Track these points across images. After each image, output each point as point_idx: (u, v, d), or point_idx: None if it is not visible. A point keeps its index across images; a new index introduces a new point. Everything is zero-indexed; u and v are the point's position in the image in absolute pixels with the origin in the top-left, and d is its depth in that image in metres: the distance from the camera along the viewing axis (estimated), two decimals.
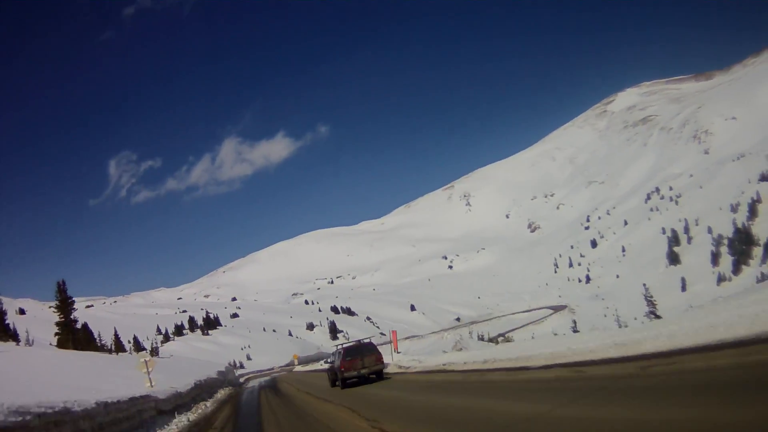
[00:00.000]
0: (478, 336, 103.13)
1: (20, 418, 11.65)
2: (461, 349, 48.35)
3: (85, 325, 74.30)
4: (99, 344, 76.95)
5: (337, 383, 31.02)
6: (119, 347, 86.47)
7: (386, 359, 34.82)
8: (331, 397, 24.89)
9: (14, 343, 53.72)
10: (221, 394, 38.73)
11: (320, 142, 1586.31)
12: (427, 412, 15.56)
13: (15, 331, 63.15)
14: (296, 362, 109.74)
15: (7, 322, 57.63)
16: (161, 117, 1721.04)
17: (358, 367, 29.29)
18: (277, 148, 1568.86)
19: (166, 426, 21.10)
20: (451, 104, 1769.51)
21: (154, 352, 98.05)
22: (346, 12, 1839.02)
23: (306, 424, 18.71)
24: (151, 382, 25.21)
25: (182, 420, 23.31)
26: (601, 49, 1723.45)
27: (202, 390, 31.93)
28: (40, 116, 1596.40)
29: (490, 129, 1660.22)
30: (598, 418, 9.68)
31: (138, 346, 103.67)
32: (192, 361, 79.14)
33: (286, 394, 32.98)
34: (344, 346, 33.17)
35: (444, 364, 27.58)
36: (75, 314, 63.75)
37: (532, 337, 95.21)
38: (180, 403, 26.29)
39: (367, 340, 34.43)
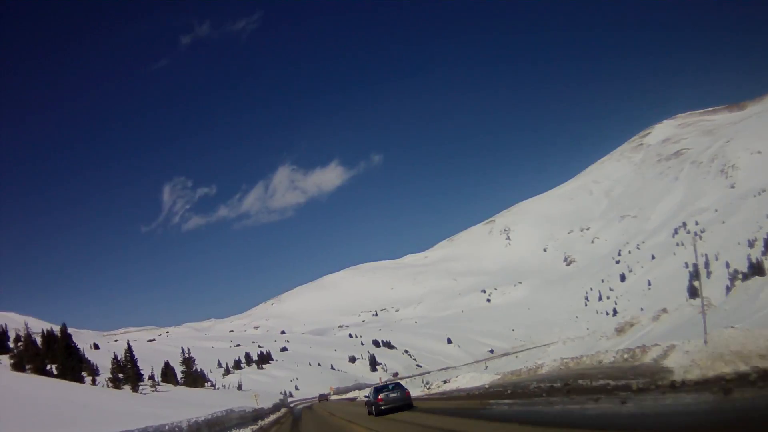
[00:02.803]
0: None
1: (252, 409, 39.14)
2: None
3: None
4: (195, 378, 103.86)
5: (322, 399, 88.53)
6: (197, 380, 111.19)
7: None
8: (326, 408, 58.44)
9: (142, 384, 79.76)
10: (283, 410, 70.40)
11: (371, 172, 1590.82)
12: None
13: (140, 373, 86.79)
14: (332, 393, 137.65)
15: (139, 367, 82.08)
16: (218, 144, 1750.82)
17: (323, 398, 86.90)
18: (329, 177, 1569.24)
19: (268, 419, 51.94)
20: (492, 139, 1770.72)
21: (240, 387, 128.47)
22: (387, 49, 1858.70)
23: (316, 415, 50.18)
24: (256, 402, 54.49)
25: (274, 416, 56.28)
26: (640, 80, 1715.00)
27: (276, 407, 62.62)
28: (99, 143, 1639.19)
29: (531, 163, 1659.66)
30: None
31: (203, 378, 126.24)
32: (260, 391, 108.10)
33: (314, 410, 64.79)
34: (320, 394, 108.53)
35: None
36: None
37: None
38: (270, 410, 57.93)
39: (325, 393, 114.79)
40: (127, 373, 75.07)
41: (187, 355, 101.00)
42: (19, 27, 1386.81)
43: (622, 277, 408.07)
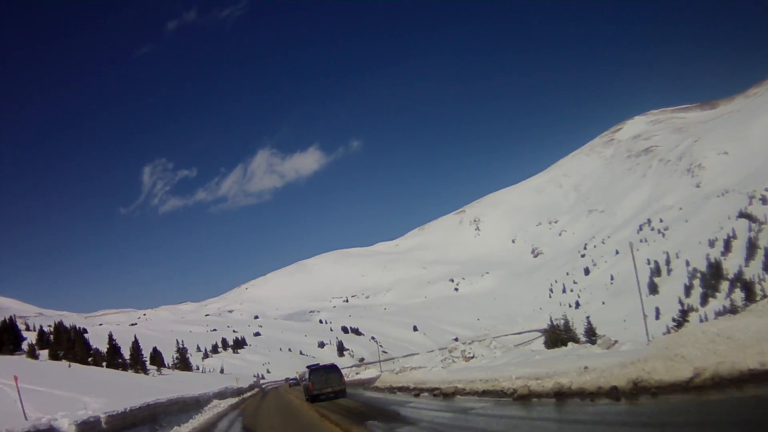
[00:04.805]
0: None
1: (236, 387, 49.48)
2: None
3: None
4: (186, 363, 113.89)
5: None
6: (186, 366, 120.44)
7: None
8: (288, 390, 69.71)
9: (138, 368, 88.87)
10: (255, 390, 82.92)
11: (349, 158, 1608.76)
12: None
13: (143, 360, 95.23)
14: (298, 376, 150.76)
15: (142, 354, 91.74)
16: (201, 127, 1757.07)
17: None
18: (308, 161, 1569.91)
19: (246, 394, 64.79)
20: (465, 130, 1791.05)
21: (222, 371, 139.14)
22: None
23: (278, 394, 62.26)
24: (237, 383, 64.45)
25: (250, 394, 68.20)
26: (615, 75, 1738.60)
27: (251, 387, 74.62)
28: (82, 125, 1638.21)
29: (503, 155, 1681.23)
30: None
31: (186, 363, 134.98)
32: (237, 374, 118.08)
33: (279, 390, 77.79)
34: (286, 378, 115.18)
35: None
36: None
37: None
38: (247, 389, 70.32)
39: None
40: (134, 359, 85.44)
41: (181, 346, 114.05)
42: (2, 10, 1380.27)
43: (586, 271, 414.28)
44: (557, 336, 58.60)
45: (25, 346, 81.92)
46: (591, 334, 61.15)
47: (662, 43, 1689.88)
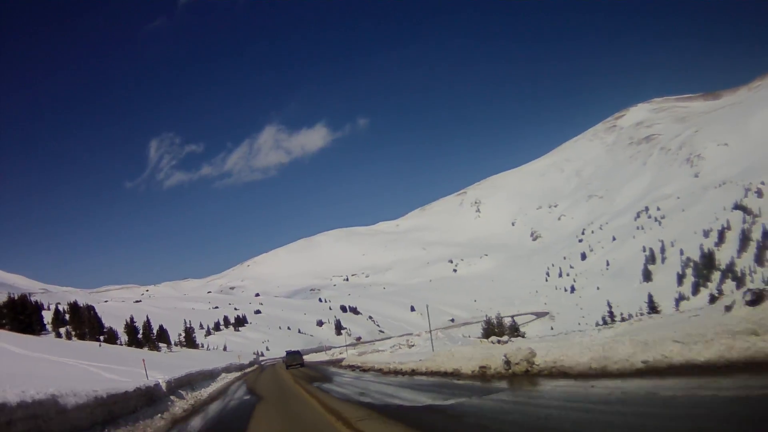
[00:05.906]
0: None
1: (238, 363, 56.87)
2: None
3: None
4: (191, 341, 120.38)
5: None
6: (192, 343, 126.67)
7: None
8: (282, 366, 74.72)
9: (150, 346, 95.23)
10: (255, 366, 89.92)
11: (354, 136, 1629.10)
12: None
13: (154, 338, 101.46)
14: None
15: (153, 333, 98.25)
16: (210, 101, 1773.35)
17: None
18: (314, 138, 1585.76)
19: (248, 369, 71.63)
20: (469, 112, 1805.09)
21: (225, 349, 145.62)
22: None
23: (274, 370, 65.66)
24: (239, 360, 71.32)
25: (250, 369, 74.44)
26: (620, 62, 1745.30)
27: (251, 363, 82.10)
28: (91, 98, 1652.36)
29: (506, 138, 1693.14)
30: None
31: (192, 341, 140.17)
32: (239, 352, 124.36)
33: (275, 366, 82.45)
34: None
35: None
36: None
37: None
38: (248, 365, 77.40)
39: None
40: (146, 337, 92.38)
41: (188, 325, 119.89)
42: None
43: (583, 256, 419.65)
44: (491, 330, 69.72)
45: (48, 326, 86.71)
46: (514, 330, 71.90)
47: (668, 32, 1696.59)
